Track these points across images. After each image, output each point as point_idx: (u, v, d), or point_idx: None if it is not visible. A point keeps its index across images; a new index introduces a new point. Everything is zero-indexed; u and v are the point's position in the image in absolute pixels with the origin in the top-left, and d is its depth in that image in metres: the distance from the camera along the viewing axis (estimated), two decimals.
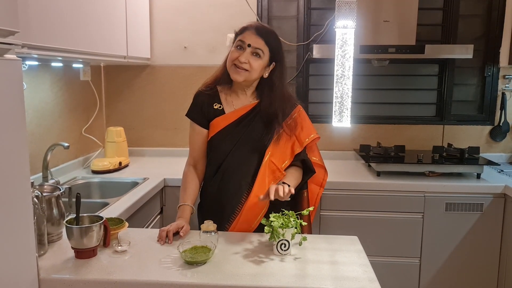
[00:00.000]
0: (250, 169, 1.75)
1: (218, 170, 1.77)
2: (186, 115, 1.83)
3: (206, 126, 1.80)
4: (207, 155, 1.83)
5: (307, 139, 1.79)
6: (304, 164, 1.83)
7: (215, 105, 1.78)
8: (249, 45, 1.67)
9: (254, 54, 1.67)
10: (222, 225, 1.72)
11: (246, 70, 1.67)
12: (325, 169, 1.92)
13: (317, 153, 1.91)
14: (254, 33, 1.68)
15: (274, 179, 1.75)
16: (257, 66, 1.68)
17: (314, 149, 1.89)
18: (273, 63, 1.73)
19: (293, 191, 1.57)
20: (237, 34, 1.74)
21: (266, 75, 1.74)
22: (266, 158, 1.73)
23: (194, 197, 1.77)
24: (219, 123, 1.76)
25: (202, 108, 1.79)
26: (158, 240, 1.52)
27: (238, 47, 1.69)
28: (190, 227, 1.63)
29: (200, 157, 1.83)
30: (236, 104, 1.78)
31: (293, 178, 1.75)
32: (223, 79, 1.79)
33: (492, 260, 2.49)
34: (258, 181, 1.72)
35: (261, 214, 1.72)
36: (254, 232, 1.69)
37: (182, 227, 1.57)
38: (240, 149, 1.75)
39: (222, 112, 1.78)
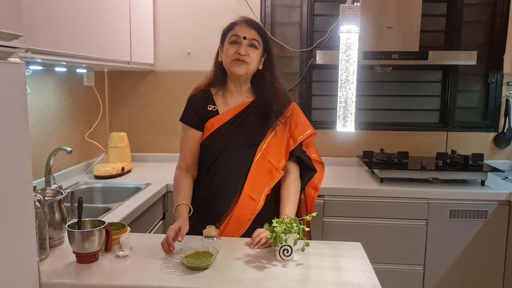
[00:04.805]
0: (243, 169, 1.72)
1: (210, 169, 1.74)
2: (180, 120, 1.81)
3: (201, 129, 1.78)
4: (200, 157, 1.80)
5: (301, 136, 1.78)
6: (301, 162, 1.82)
7: (209, 107, 1.77)
8: (244, 38, 1.69)
9: (251, 45, 1.70)
10: (213, 224, 1.70)
11: (246, 63, 1.69)
12: (323, 164, 1.89)
13: (314, 149, 1.88)
14: (245, 26, 1.71)
15: (272, 179, 1.74)
16: (255, 56, 1.71)
17: (310, 145, 1.86)
18: (265, 54, 1.76)
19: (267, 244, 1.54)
20: (226, 31, 1.75)
21: (261, 66, 1.76)
22: (257, 157, 1.72)
23: (189, 198, 1.73)
24: (213, 124, 1.75)
25: (197, 111, 1.78)
26: (166, 253, 1.47)
27: (233, 42, 1.71)
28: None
29: (193, 162, 1.80)
30: (230, 104, 1.78)
31: (291, 203, 1.73)
32: (217, 80, 1.79)
33: (497, 268, 2.47)
34: (249, 181, 1.71)
35: (253, 214, 1.70)
36: (245, 233, 1.68)
37: (179, 229, 1.53)
38: (233, 149, 1.73)
39: (216, 113, 1.76)
